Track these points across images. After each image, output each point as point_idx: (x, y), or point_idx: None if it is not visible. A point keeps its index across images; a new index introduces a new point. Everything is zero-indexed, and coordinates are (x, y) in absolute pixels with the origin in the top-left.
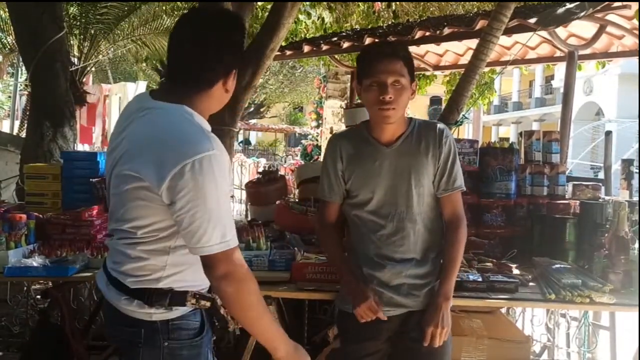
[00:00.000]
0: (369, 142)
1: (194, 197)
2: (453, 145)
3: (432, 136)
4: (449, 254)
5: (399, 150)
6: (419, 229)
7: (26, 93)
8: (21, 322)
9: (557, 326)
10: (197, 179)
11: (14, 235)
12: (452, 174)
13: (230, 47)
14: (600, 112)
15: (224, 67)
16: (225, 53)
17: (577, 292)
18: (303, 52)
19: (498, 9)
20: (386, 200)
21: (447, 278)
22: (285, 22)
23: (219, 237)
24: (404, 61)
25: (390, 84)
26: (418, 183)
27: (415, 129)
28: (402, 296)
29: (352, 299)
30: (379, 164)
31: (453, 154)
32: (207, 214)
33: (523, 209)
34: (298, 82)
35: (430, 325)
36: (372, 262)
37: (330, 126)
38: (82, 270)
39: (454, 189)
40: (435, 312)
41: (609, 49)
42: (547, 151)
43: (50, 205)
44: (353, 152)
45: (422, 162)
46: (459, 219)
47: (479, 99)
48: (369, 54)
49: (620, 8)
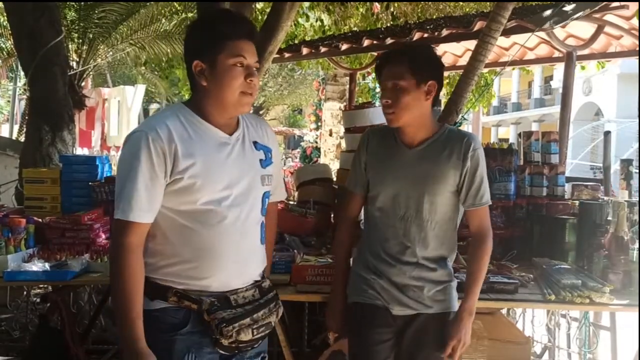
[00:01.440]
0: (395, 140)
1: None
2: (481, 159)
3: (458, 147)
4: (473, 268)
5: (422, 155)
6: (427, 234)
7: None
8: (21, 327)
9: (558, 327)
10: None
11: (14, 239)
12: (480, 189)
13: (188, 47)
14: (600, 112)
15: (188, 63)
16: (185, 53)
17: (577, 293)
18: (302, 54)
19: (496, 10)
20: (396, 200)
21: (471, 293)
22: (283, 24)
23: (119, 206)
24: (408, 63)
25: (390, 88)
26: (433, 190)
27: (444, 136)
28: (408, 297)
29: (329, 318)
30: (398, 163)
31: (482, 168)
32: (118, 185)
33: (522, 210)
34: (297, 84)
35: (454, 339)
36: (380, 258)
37: (329, 128)
38: (81, 274)
39: (482, 203)
40: (459, 327)
41: (608, 49)
42: (546, 152)
43: (50, 209)
44: (378, 147)
45: (443, 170)
46: (485, 233)
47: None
48: (379, 60)
49: (618, 8)
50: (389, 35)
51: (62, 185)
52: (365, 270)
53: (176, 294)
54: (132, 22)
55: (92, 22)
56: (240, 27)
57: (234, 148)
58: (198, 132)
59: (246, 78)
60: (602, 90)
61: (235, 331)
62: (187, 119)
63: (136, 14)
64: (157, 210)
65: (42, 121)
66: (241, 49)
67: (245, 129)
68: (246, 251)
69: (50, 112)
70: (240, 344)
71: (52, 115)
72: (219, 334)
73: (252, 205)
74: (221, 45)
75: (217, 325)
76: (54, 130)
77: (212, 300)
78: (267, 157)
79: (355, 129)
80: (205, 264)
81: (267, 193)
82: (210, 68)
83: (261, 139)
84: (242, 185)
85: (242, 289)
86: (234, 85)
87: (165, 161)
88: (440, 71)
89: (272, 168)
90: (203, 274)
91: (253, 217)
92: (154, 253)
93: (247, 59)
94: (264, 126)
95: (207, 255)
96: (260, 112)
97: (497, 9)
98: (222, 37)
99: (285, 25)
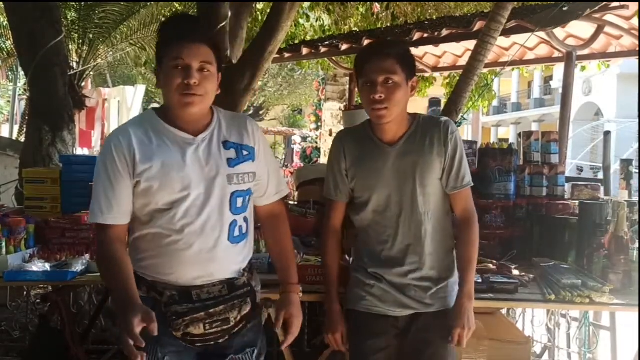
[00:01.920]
0: (372, 141)
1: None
2: (459, 141)
3: (437, 133)
4: (465, 254)
5: (404, 150)
6: (426, 229)
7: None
8: (21, 327)
9: (558, 327)
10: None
11: (14, 239)
12: (460, 170)
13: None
14: (600, 112)
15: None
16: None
17: (577, 293)
18: (302, 54)
19: (496, 10)
20: (391, 200)
21: (467, 278)
22: (284, 24)
23: (91, 208)
24: (397, 58)
25: (381, 83)
26: (423, 182)
27: (419, 126)
28: (409, 298)
29: (328, 326)
30: (382, 163)
31: (460, 150)
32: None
33: (522, 210)
34: (297, 84)
35: (458, 327)
36: (379, 262)
37: (329, 128)
38: (81, 275)
39: (463, 185)
40: (461, 314)
41: (607, 49)
42: (546, 152)
43: (50, 209)
44: (357, 151)
45: (428, 160)
46: (470, 215)
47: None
48: (362, 54)
49: (618, 8)
50: (388, 35)
51: (62, 185)
52: (364, 275)
53: (146, 284)
54: (133, 22)
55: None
56: (182, 29)
57: (198, 148)
58: (160, 135)
59: (183, 79)
60: (602, 91)
61: (184, 324)
62: (151, 124)
63: (136, 15)
64: (125, 211)
65: (42, 121)
66: (179, 51)
67: (217, 129)
68: (208, 250)
69: (50, 113)
70: (193, 337)
71: (52, 115)
72: (170, 326)
73: (216, 205)
74: (164, 49)
75: (169, 317)
76: (54, 131)
77: (173, 293)
78: (239, 156)
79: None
80: (167, 261)
81: (239, 192)
82: (161, 72)
83: (237, 137)
84: (203, 185)
85: (209, 285)
86: (171, 87)
87: (127, 165)
88: (415, 70)
89: (250, 166)
90: (166, 270)
91: (218, 217)
92: (132, 248)
93: (185, 59)
94: (245, 124)
95: (169, 254)
96: (260, 112)
97: (497, 9)
98: (165, 41)
99: (285, 25)
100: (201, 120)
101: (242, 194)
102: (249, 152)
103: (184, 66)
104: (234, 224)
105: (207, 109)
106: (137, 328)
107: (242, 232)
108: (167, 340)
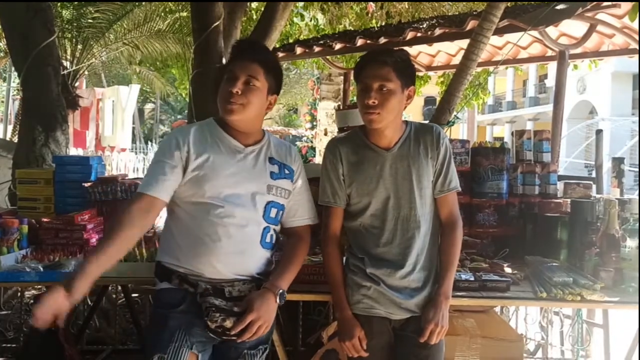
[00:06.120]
0: (368, 147)
1: None
2: (448, 147)
3: (430, 138)
4: (447, 254)
5: (400, 153)
6: (423, 231)
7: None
8: (15, 328)
9: (551, 324)
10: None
11: (7, 240)
12: (447, 175)
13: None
14: (594, 110)
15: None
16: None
17: (568, 290)
18: (296, 53)
19: (488, 9)
20: (389, 204)
21: (446, 277)
22: (277, 24)
23: (142, 181)
24: (393, 66)
25: (376, 89)
26: (420, 185)
27: (412, 132)
28: (406, 300)
29: (343, 333)
30: (380, 168)
31: (449, 156)
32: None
33: (515, 208)
34: (292, 84)
35: (431, 323)
36: (376, 265)
37: (324, 127)
38: None
39: (449, 189)
40: (435, 311)
41: (600, 48)
42: (538, 150)
43: (43, 209)
44: (353, 157)
45: (422, 164)
46: (455, 219)
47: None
48: (361, 60)
49: (610, 7)
50: (382, 34)
51: (55, 185)
52: (361, 277)
53: (178, 277)
54: (126, 22)
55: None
56: (240, 49)
57: (246, 157)
58: (215, 139)
59: (229, 88)
60: (596, 89)
61: (221, 318)
62: (209, 128)
63: (130, 14)
64: (169, 192)
65: (35, 121)
66: (233, 65)
67: (265, 146)
68: (242, 245)
69: (43, 113)
70: (225, 330)
71: (45, 115)
72: (206, 316)
73: (253, 208)
74: (226, 67)
75: (207, 308)
76: (47, 131)
77: (208, 287)
78: (281, 172)
79: (349, 128)
80: (202, 251)
81: (274, 203)
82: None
83: (282, 157)
84: (246, 187)
85: (240, 282)
86: (221, 94)
87: (181, 157)
88: (415, 79)
89: (288, 184)
90: (200, 261)
91: (253, 219)
92: (164, 239)
93: (234, 71)
94: (290, 149)
95: (204, 244)
96: None
97: (489, 8)
98: (228, 60)
99: (279, 25)
100: (252, 136)
101: (276, 206)
102: (290, 172)
103: (233, 77)
104: (267, 230)
105: (251, 120)
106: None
107: (272, 242)
108: (197, 331)
